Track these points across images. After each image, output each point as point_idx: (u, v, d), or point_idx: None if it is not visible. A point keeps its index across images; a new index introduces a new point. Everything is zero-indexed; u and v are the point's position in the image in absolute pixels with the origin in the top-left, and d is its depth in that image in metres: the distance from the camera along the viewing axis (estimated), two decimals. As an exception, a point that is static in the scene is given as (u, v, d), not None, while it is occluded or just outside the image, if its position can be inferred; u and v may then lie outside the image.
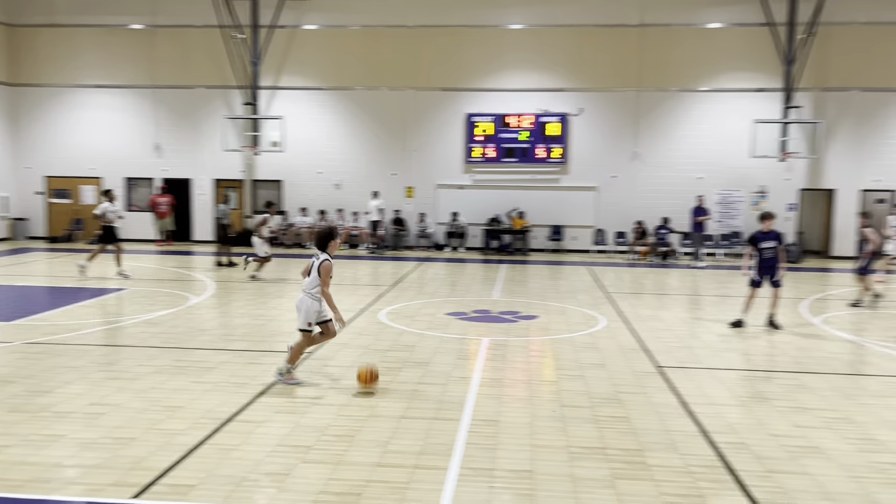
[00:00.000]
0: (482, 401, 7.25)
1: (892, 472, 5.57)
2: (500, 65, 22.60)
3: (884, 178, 21.63)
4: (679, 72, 22.05)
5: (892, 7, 21.17)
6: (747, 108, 21.58)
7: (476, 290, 14.97)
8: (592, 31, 22.13)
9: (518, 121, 22.40)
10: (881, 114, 21.56)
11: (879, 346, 10.06)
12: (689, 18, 21.84)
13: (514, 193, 22.73)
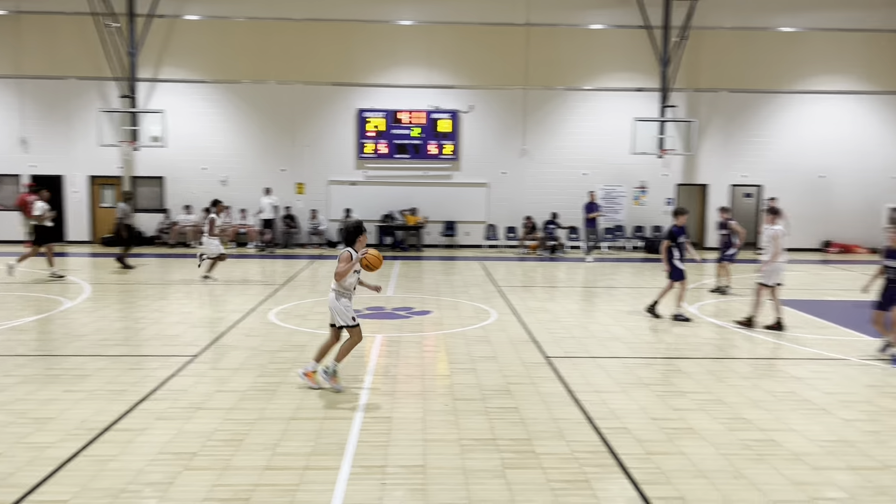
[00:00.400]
0: (375, 398, 7.21)
1: (758, 449, 5.96)
2: (392, 61, 22.55)
3: (749, 174, 23.17)
4: (564, 71, 22.74)
5: (756, 14, 22.67)
6: (628, 107, 22.54)
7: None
8: (481, 30, 22.46)
9: (410, 117, 22.43)
10: (747, 113, 23.06)
11: (747, 330, 10.75)
12: (573, 19, 22.56)
13: (407, 190, 22.76)
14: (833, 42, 22.69)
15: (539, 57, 22.61)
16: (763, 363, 8.94)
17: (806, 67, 22.83)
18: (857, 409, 7.09)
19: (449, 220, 22.98)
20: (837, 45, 22.70)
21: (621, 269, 18.46)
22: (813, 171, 22.97)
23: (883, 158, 23.01)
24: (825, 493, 5.15)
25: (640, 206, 23.18)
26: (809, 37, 22.72)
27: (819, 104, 22.88)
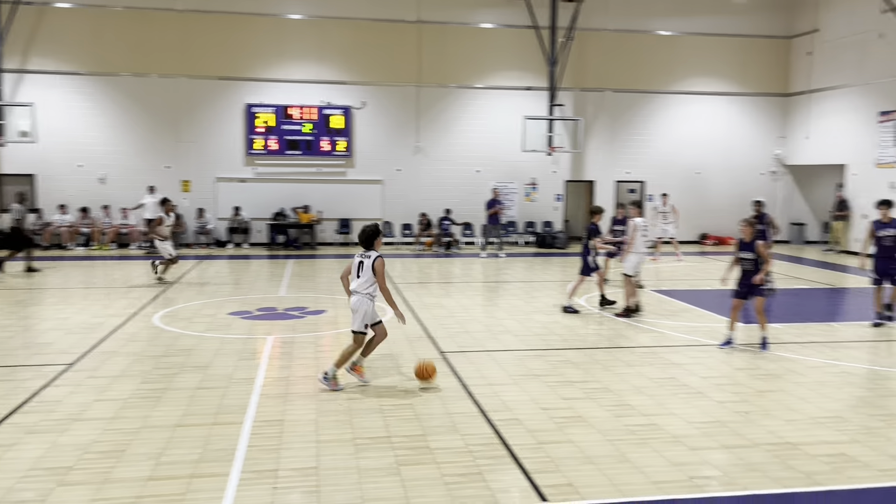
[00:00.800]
0: (266, 401, 7.04)
1: (641, 434, 6.24)
2: (281, 55, 22.03)
3: (633, 171, 24.21)
4: (457, 69, 22.95)
5: (637, 17, 23.68)
6: (518, 105, 23.01)
7: (261, 287, 14.51)
8: (372, 25, 22.31)
9: (301, 113, 22.01)
10: (630, 113, 24.07)
11: (622, 320, 11.24)
12: (464, 18, 22.79)
13: (299, 187, 22.32)
14: (707, 46, 24.02)
15: (431, 54, 22.72)
16: (646, 351, 9.36)
17: (683, 69, 24.06)
18: (729, 391, 7.55)
19: (344, 218, 22.72)
20: (711, 49, 24.05)
21: (514, 263, 18.85)
22: (690, 167, 24.26)
23: (752, 156, 24.58)
24: (702, 471, 5.45)
25: (532, 202, 23.74)
26: (686, 40, 23.96)
27: (695, 104, 24.18)
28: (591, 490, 5.08)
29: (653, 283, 14.89)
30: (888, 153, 19.96)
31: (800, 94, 23.89)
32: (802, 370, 8.38)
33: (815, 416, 6.75)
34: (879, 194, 20.29)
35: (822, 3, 22.75)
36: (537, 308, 12.19)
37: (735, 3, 23.49)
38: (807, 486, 5.21)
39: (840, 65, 22.00)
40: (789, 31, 24.20)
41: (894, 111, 16.85)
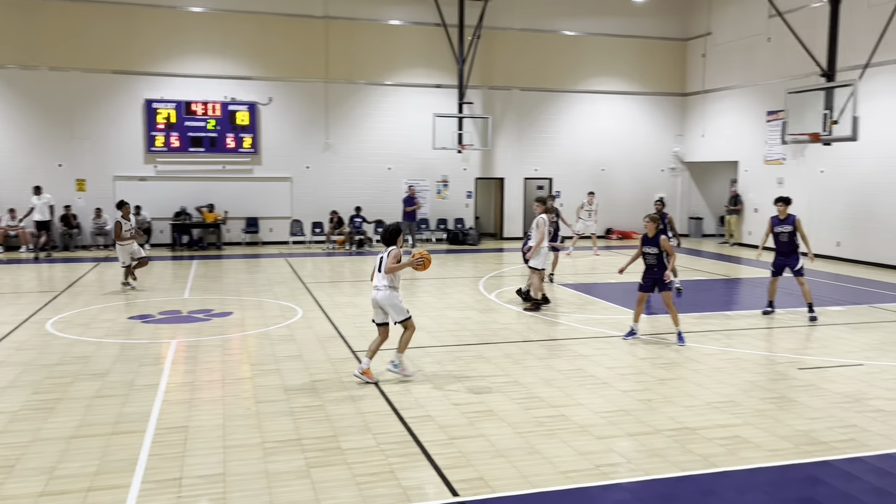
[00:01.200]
0: (169, 408, 6.78)
1: (550, 425, 6.38)
2: (182, 49, 21.25)
3: (540, 168, 24.72)
4: (366, 65, 22.77)
5: (542, 17, 24.17)
6: (428, 103, 23.06)
7: (164, 289, 13.98)
8: (278, 20, 21.84)
9: (204, 109, 21.30)
10: (537, 111, 24.55)
11: (541, 315, 11.48)
12: (372, 14, 22.64)
13: (203, 185, 21.61)
14: (610, 46, 24.78)
15: (339, 51, 22.46)
16: (554, 344, 9.58)
17: (587, 69, 24.74)
18: (633, 380, 7.83)
19: (251, 217, 22.17)
20: (614, 49, 24.82)
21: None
22: (595, 164, 24.98)
23: (653, 153, 25.56)
24: (608, 459, 5.62)
25: (443, 199, 23.87)
26: (589, 41, 24.64)
27: (599, 103, 24.90)
28: (502, 483, 5.15)
29: (562, 277, 15.25)
30: (775, 150, 21.17)
31: (696, 93, 25.01)
32: (700, 358, 8.79)
33: (711, 401, 7.09)
34: (769, 189, 21.54)
35: (715, 8, 23.88)
36: (450, 304, 12.26)
37: (636, 6, 24.34)
38: (704, 469, 5.45)
39: (731, 66, 23.17)
40: (685, 34, 25.29)
41: (781, 111, 17.89)
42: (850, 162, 18.41)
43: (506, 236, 24.64)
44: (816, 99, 15.52)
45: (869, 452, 5.80)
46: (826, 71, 15.88)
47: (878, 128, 17.38)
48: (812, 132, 15.44)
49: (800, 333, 10.34)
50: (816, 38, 17.81)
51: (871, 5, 17.56)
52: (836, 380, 7.87)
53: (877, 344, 9.62)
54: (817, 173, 19.61)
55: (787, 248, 11.23)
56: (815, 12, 19.07)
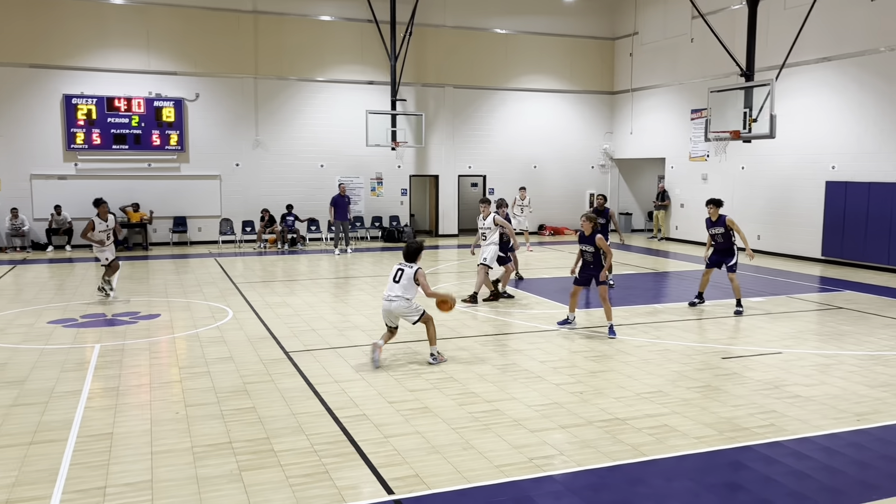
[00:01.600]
0: (93, 414, 6.54)
1: (485, 420, 6.43)
2: (103, 43, 20.46)
3: (474, 165, 24.88)
4: (296, 61, 22.42)
5: (473, 15, 24.31)
6: (361, 100, 22.89)
7: (87, 292, 13.46)
8: (204, 14, 21.28)
9: (127, 105, 20.59)
10: (470, 108, 24.68)
11: (476, 311, 11.56)
12: (302, 9, 22.31)
13: (128, 183, 20.89)
14: (541, 45, 25.12)
15: (269, 46, 22.05)
16: (489, 339, 9.66)
17: (519, 67, 25.01)
18: (565, 373, 7.97)
19: (179, 216, 21.56)
20: (544, 48, 25.17)
21: (361, 259, 18.78)
22: (528, 161, 25.29)
23: (584, 151, 26.05)
24: (541, 452, 5.71)
25: (378, 197, 23.75)
26: (520, 39, 24.92)
27: (531, 101, 25.21)
28: (437, 479, 5.17)
29: (495, 272, 15.36)
30: (699, 147, 21.89)
31: (624, 92, 25.60)
32: (630, 350, 9.01)
33: (640, 392, 7.28)
34: (694, 185, 22.25)
35: (640, 8, 24.49)
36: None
37: (565, 5, 24.74)
38: (634, 458, 5.59)
39: (657, 66, 23.82)
40: (613, 34, 25.86)
41: (704, 109, 18.50)
42: (769, 158, 19.20)
43: (441, 233, 24.70)
44: (737, 98, 16.09)
45: (787, 437, 6.06)
46: (745, 71, 16.49)
47: (795, 125, 18.18)
48: (733, 130, 16.01)
49: (724, 324, 10.72)
50: (736, 39, 18.50)
51: (787, 8, 18.34)
52: (757, 368, 8.20)
53: (794, 333, 10.07)
54: (738, 170, 20.37)
55: (722, 247, 11.58)
56: (734, 14, 19.80)
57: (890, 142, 16.14)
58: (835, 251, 17.41)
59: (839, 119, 17.31)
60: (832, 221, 17.42)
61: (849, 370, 8.12)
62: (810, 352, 8.99)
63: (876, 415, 6.64)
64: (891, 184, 15.93)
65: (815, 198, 17.94)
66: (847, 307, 11.99)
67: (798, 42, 16.38)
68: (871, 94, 16.53)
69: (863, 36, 16.65)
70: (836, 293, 13.45)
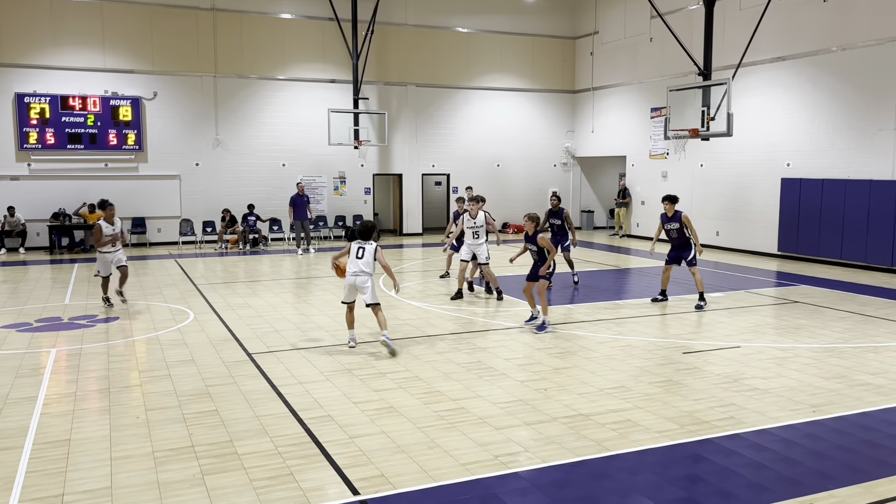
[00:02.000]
0: (49, 421, 6.39)
1: (450, 418, 6.44)
2: (57, 40, 19.98)
3: (437, 164, 24.89)
4: (256, 59, 22.16)
5: (435, 14, 24.30)
6: (323, 98, 22.74)
7: (42, 296, 13.13)
8: (163, 12, 20.91)
9: (83, 103, 20.13)
10: (433, 107, 24.67)
11: (439, 309, 11.57)
12: (262, 7, 22.06)
13: (84, 184, 20.43)
14: (502, 43, 25.22)
15: (229, 44, 21.76)
16: (454, 338, 9.67)
17: (481, 66, 25.08)
18: (530, 370, 8.02)
19: (138, 216, 21.16)
20: (506, 47, 25.28)
21: (324, 258, 18.64)
22: (491, 160, 25.38)
23: (546, 149, 26.24)
24: (506, 449, 5.73)
25: (341, 196, 23.61)
26: (482, 38, 24.99)
27: (494, 100, 25.30)
28: (403, 479, 5.16)
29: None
30: (659, 146, 22.21)
31: (585, 90, 25.85)
32: (593, 346, 9.11)
33: (603, 387, 7.36)
34: (654, 183, 22.57)
35: (601, 7, 24.76)
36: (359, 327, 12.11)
37: (526, 4, 24.88)
38: (598, 453, 5.66)
39: (617, 65, 24.10)
40: (574, 33, 26.10)
41: (663, 108, 18.78)
42: (727, 156, 19.57)
43: (405, 232, 24.66)
44: (695, 96, 16.37)
45: (746, 429, 6.19)
46: (703, 70, 16.77)
47: (751, 124, 18.56)
48: (692, 128, 16.28)
49: (684, 319, 10.90)
50: (694, 38, 18.83)
51: (743, 8, 18.71)
52: (717, 362, 8.36)
53: (752, 327, 10.29)
54: (698, 167, 20.73)
55: (677, 242, 11.81)
56: (692, 14, 20.13)
57: (842, 139, 16.59)
58: (790, 246, 17.83)
59: (794, 117, 17.73)
60: (787, 217, 17.83)
61: (804, 363, 8.33)
62: (768, 345, 9.19)
63: (831, 406, 6.82)
64: (843, 180, 16.37)
65: (771, 194, 18.35)
66: (802, 301, 12.28)
67: (753, 42, 16.74)
68: (824, 92, 16.96)
69: (816, 36, 17.07)
70: (791, 287, 13.78)
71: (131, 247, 20.84)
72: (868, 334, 9.80)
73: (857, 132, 16.26)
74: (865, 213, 15.83)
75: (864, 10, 15.96)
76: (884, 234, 15.52)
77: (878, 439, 5.97)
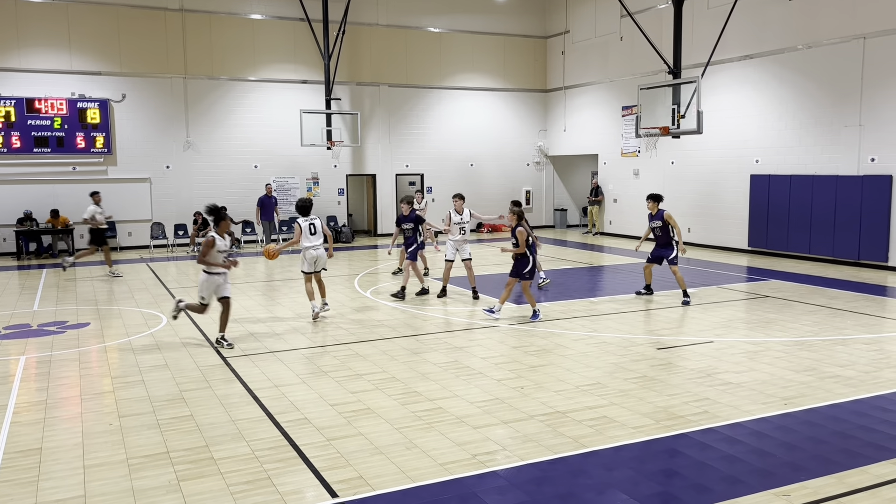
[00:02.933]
0: (20, 430, 6.27)
1: (428, 418, 6.44)
2: (21, 42, 19.59)
3: (411, 164, 24.85)
4: (227, 60, 21.94)
5: (406, 14, 24.26)
6: (295, 99, 22.59)
7: (9, 302, 12.88)
8: (130, 12, 20.61)
9: (49, 106, 19.77)
10: (406, 107, 24.64)
11: (416, 310, 11.56)
12: (231, 7, 21.84)
13: (51, 188, 20.07)
14: (474, 43, 25.26)
15: (198, 45, 21.52)
16: (430, 338, 9.67)
17: (453, 66, 25.10)
18: (506, 368, 8.05)
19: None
20: (478, 46, 25.32)
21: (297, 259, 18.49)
22: (465, 160, 25.42)
23: (519, 148, 26.35)
24: (484, 448, 5.75)
25: (314, 197, 23.46)
26: (454, 37, 25.01)
27: (466, 99, 25.33)
28: (381, 480, 5.15)
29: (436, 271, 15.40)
30: (631, 143, 22.42)
31: (556, 90, 25.99)
32: (568, 343, 9.17)
33: (579, 384, 7.41)
34: (626, 181, 22.77)
35: (571, 7, 24.91)
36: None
37: (497, 4, 24.95)
38: (575, 450, 5.70)
39: (588, 64, 24.27)
40: (545, 32, 26.23)
41: (634, 106, 18.97)
42: (697, 153, 19.81)
43: (380, 233, 24.59)
44: (665, 95, 16.55)
45: (720, 423, 6.28)
46: (672, 69, 16.97)
47: (721, 121, 18.81)
48: (662, 126, 16.46)
49: (658, 316, 11.01)
50: (664, 37, 19.02)
51: (711, 7, 18.96)
52: (690, 357, 8.46)
53: (724, 322, 10.43)
54: (669, 164, 20.95)
55: (661, 241, 12.02)
56: (661, 13, 20.35)
57: (809, 136, 16.88)
58: (760, 242, 18.10)
59: (762, 114, 18.00)
60: (757, 213, 18.10)
61: (776, 356, 8.46)
62: (740, 340, 9.32)
63: (802, 398, 6.94)
64: (810, 176, 16.66)
65: (741, 191, 18.61)
66: (773, 296, 12.48)
67: (721, 40, 16.97)
68: (790, 89, 17.25)
69: (782, 34, 17.35)
70: (762, 282, 13.99)
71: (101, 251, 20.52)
72: (837, 327, 9.99)
73: (823, 128, 16.56)
74: (832, 209, 16.13)
75: (828, 9, 16.26)
76: (850, 229, 15.83)
77: (849, 430, 6.08)
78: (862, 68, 15.61)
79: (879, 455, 5.54)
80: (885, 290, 13.11)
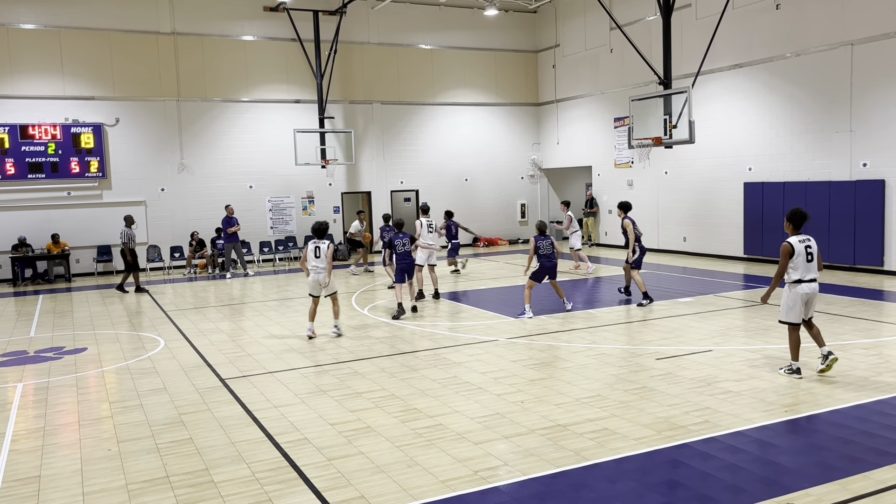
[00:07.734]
0: (18, 457, 6.23)
1: (428, 435, 6.41)
2: (14, 69, 19.65)
3: (406, 180, 24.92)
4: (219, 82, 22.03)
5: (397, 31, 24.41)
6: (289, 119, 22.66)
7: (6, 329, 12.84)
8: (122, 37, 20.70)
9: (43, 132, 19.80)
10: (399, 124, 24.73)
11: (414, 326, 11.55)
12: (223, 30, 21.97)
13: (46, 213, 20.06)
14: (465, 59, 25.41)
15: (191, 67, 21.61)
16: (428, 354, 9.64)
17: (445, 82, 25.23)
18: (506, 383, 8.03)
19: (103, 244, 20.81)
20: (469, 62, 25.47)
21: (295, 279, 18.51)
22: (459, 175, 25.49)
23: (513, 162, 26.44)
24: (486, 463, 5.72)
25: (310, 215, 23.48)
26: (445, 54, 25.16)
27: (459, 115, 25.44)
28: (383, 499, 5.12)
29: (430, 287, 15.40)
30: (624, 155, 22.50)
31: (549, 103, 26.13)
32: (567, 356, 9.16)
33: (579, 397, 7.40)
34: (620, 191, 22.84)
35: (561, 21, 25.09)
36: (321, 322, 12.04)
37: (487, 19, 25.12)
38: (576, 463, 5.67)
39: (580, 76, 24.42)
40: (535, 46, 26.40)
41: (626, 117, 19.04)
42: (690, 163, 19.90)
43: (376, 249, 24.58)
44: (657, 105, 16.63)
45: (721, 432, 6.26)
46: (663, 79, 17.06)
47: (712, 130, 18.92)
48: (655, 136, 16.52)
49: (656, 326, 11.01)
50: (653, 48, 19.16)
51: (699, 18, 19.11)
52: (690, 366, 8.45)
53: (723, 330, 10.43)
54: (662, 174, 21.03)
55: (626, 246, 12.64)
56: (650, 25, 20.50)
57: (800, 142, 16.97)
58: (755, 249, 18.14)
59: (753, 123, 18.10)
60: (751, 221, 18.15)
61: (775, 364, 8.45)
62: (739, 348, 9.32)
63: (802, 405, 6.93)
64: (803, 182, 16.73)
65: (735, 199, 18.68)
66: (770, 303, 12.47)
67: (711, 50, 17.09)
68: (780, 97, 17.36)
69: (770, 43, 17.49)
70: (759, 290, 13.99)
71: (97, 276, 20.50)
72: (835, 333, 9.99)
73: (814, 135, 16.66)
74: (826, 214, 16.18)
75: (815, 17, 16.41)
76: (844, 234, 15.88)
77: (850, 436, 6.07)
78: (851, 74, 15.73)
79: (882, 460, 5.53)
80: (881, 294, 13.14)
